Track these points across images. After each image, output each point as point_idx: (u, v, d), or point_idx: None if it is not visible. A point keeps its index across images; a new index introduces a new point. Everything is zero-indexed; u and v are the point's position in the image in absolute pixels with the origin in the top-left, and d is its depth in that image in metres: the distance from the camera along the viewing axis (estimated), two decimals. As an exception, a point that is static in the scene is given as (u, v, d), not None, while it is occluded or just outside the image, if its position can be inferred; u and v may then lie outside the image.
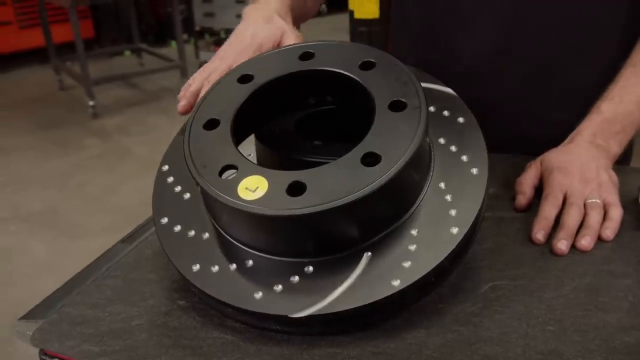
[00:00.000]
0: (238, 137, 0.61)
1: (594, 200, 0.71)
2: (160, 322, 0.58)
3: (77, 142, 3.77)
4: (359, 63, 0.61)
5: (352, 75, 0.60)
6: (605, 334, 0.54)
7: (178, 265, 0.58)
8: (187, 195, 0.63)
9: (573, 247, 0.67)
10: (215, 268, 0.56)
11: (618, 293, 0.60)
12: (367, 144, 0.54)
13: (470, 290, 0.61)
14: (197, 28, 5.07)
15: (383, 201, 0.53)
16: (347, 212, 0.51)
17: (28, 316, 0.65)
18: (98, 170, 3.41)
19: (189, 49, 4.99)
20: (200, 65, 5.01)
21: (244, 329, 0.57)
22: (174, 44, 5.82)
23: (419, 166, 0.56)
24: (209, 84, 0.69)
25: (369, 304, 0.52)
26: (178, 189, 0.64)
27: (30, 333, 0.61)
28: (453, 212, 0.56)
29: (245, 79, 0.64)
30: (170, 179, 0.65)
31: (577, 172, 0.74)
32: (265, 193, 0.52)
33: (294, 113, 0.72)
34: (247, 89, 0.62)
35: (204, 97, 0.63)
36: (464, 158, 0.59)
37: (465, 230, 0.55)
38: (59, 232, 2.76)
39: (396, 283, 0.52)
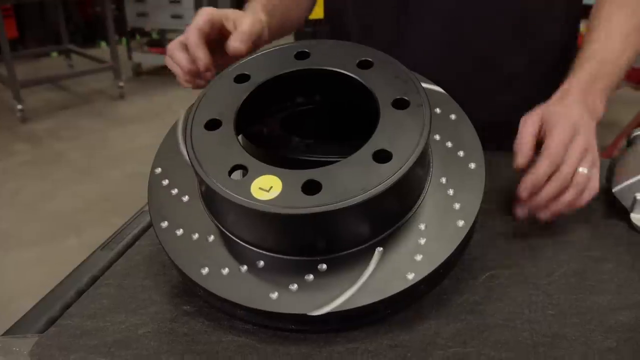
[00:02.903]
0: None
1: (583, 170, 0.68)
2: (167, 329, 0.57)
3: (6, 148, 3.59)
4: (357, 62, 0.62)
5: (352, 75, 0.61)
6: (600, 314, 0.58)
7: (185, 270, 0.57)
8: (185, 198, 0.62)
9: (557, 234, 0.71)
10: (226, 270, 0.56)
11: (603, 276, 0.64)
12: (377, 141, 0.55)
13: (469, 280, 0.63)
14: (129, 28, 4.93)
15: (395, 197, 0.54)
16: (363, 208, 0.52)
17: (12, 331, 0.62)
18: (30, 176, 3.25)
19: (121, 49, 4.84)
20: (134, 66, 4.89)
21: (256, 330, 0.56)
22: (103, 44, 5.64)
23: (423, 162, 0.57)
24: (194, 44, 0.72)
25: (386, 298, 0.53)
26: (175, 191, 0.62)
27: (18, 349, 0.58)
28: (457, 206, 0.58)
29: (242, 78, 0.63)
30: (166, 182, 0.63)
31: (583, 128, 0.70)
32: (281, 192, 0.52)
33: (280, 112, 0.72)
34: (246, 88, 0.62)
35: (200, 98, 0.62)
36: (461, 153, 0.61)
37: (470, 222, 0.57)
38: (-10, 243, 2.63)
39: (411, 276, 0.53)
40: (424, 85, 0.66)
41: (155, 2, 4.67)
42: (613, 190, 0.73)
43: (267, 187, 0.53)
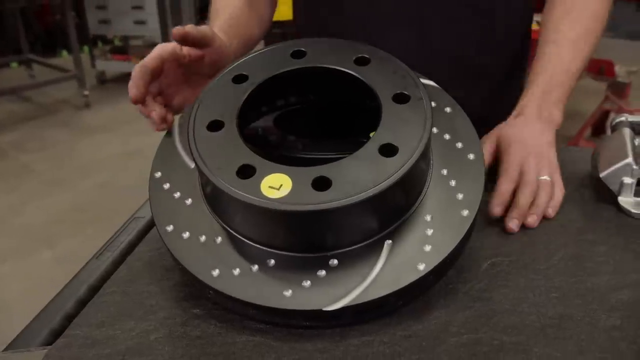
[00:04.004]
0: None
1: (545, 178, 0.76)
2: (180, 333, 0.57)
3: (-31, 162, 3.49)
4: (354, 59, 0.63)
5: (351, 72, 0.62)
6: (600, 295, 0.60)
7: (195, 272, 0.57)
8: (189, 201, 0.61)
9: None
10: (237, 271, 0.56)
11: (599, 258, 0.66)
12: (382, 136, 0.56)
13: (472, 269, 0.64)
14: (91, 36, 4.85)
15: (402, 189, 0.55)
16: (372, 203, 0.52)
17: (14, 346, 0.61)
18: (-4, 190, 3.18)
19: (84, 57, 4.75)
20: (97, 74, 4.80)
21: (269, 329, 0.57)
22: (65, 53, 5.53)
23: (427, 154, 0.58)
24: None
25: (398, 289, 0.53)
26: (177, 195, 0.62)
27: (23, 363, 0.57)
28: (460, 196, 0.59)
29: (239, 79, 0.63)
30: (167, 186, 0.63)
31: (533, 147, 0.78)
32: (291, 190, 0.53)
33: (277, 111, 0.73)
34: (245, 88, 0.62)
35: (200, 100, 0.62)
36: (459, 145, 0.63)
37: (474, 212, 0.58)
38: (-41, 260, 2.55)
39: (422, 267, 0.54)
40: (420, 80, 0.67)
41: (117, 8, 4.60)
42: (600, 176, 0.76)
43: (277, 185, 0.53)
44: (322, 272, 0.55)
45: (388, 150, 0.55)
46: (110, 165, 3.46)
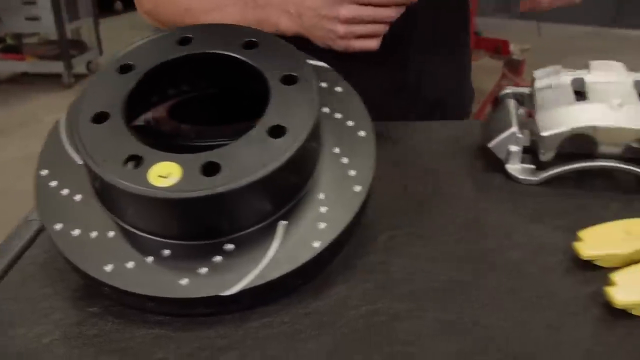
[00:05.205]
0: None
1: None
2: (75, 334, 0.55)
3: None
4: (242, 43, 0.63)
5: (238, 56, 0.61)
6: (490, 257, 0.63)
7: (87, 269, 0.55)
8: (78, 197, 0.59)
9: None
10: (131, 264, 0.55)
11: (489, 224, 0.70)
12: (270, 118, 0.56)
13: (370, 243, 0.66)
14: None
15: (293, 170, 0.56)
16: (263, 185, 0.53)
17: None
18: None
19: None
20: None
21: (169, 320, 0.56)
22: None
23: (317, 134, 0.59)
24: None
25: (296, 268, 0.54)
26: (65, 192, 0.60)
27: None
28: (352, 173, 0.60)
29: (125, 68, 0.61)
30: (54, 183, 0.60)
31: None
32: (180, 178, 0.52)
33: (168, 101, 0.71)
34: (131, 78, 0.60)
35: (84, 92, 0.60)
36: (350, 123, 0.64)
37: (367, 187, 0.59)
38: None
39: (317, 244, 0.55)
40: (310, 62, 0.68)
41: (6, 4, 4.33)
42: (489, 146, 0.79)
43: (165, 173, 0.52)
44: (218, 258, 0.54)
45: (277, 131, 0.55)
46: (8, 170, 3.27)
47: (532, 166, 0.78)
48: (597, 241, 0.63)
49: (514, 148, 0.78)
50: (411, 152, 0.88)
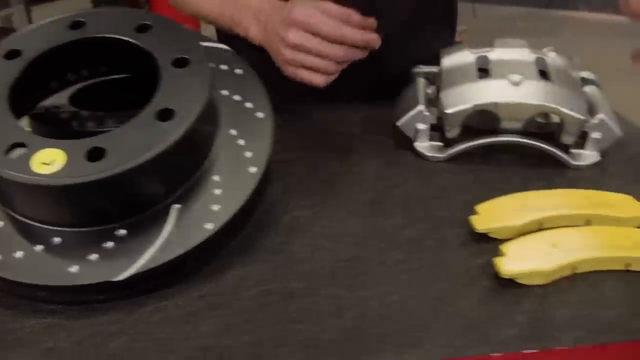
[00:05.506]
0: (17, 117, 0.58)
1: None
2: (-39, 329, 0.54)
3: None
4: (134, 26, 0.62)
5: (129, 39, 0.61)
6: (390, 234, 0.65)
7: (-26, 262, 0.54)
8: (-36, 189, 0.58)
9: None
10: (19, 254, 0.54)
11: (392, 201, 0.71)
12: (159, 101, 0.55)
13: (273, 224, 0.66)
14: None
15: (183, 153, 0.55)
16: (149, 168, 0.52)
17: None
18: None
19: None
20: None
21: (62, 309, 0.55)
22: None
23: (210, 116, 0.59)
24: None
25: (187, 250, 0.54)
26: (-49, 186, 0.58)
27: None
28: (248, 154, 0.60)
29: (12, 54, 0.60)
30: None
31: None
32: (65, 164, 0.51)
33: (68, 87, 0.70)
34: (17, 64, 0.59)
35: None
36: (249, 105, 0.64)
37: (262, 168, 0.60)
38: None
39: (210, 226, 0.55)
40: (208, 43, 0.67)
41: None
42: (397, 124, 0.81)
43: (49, 160, 0.51)
44: (110, 244, 0.54)
45: (165, 114, 0.55)
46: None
47: (440, 143, 0.80)
48: (492, 214, 0.65)
49: (421, 126, 0.80)
50: (324, 133, 0.88)
